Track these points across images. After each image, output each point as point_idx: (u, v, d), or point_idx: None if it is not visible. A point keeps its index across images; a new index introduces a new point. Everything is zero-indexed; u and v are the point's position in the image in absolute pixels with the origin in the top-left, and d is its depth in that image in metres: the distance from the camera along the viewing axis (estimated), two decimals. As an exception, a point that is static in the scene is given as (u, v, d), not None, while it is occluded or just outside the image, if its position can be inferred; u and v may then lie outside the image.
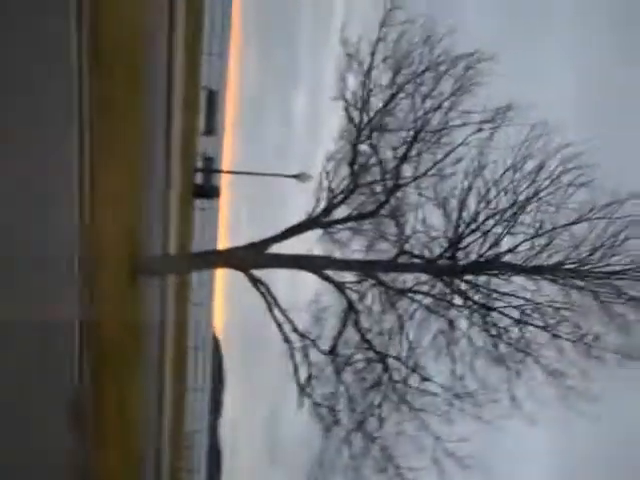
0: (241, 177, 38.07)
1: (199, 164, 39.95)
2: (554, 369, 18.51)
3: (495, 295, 18.91)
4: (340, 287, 19.66)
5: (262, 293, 19.70)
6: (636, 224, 18.00)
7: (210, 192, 38.54)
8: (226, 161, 41.17)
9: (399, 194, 19.41)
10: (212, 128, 41.83)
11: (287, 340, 19.86)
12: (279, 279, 20.57)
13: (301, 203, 20.69)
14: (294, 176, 32.79)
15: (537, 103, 17.03)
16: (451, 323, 19.19)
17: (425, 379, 19.01)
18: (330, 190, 20.04)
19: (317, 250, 20.29)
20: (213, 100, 40.55)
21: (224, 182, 41.20)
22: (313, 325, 20.00)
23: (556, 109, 16.97)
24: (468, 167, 18.59)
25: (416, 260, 19.31)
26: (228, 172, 40.12)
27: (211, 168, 42.55)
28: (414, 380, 19.13)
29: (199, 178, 39.52)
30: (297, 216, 20.55)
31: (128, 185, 16.68)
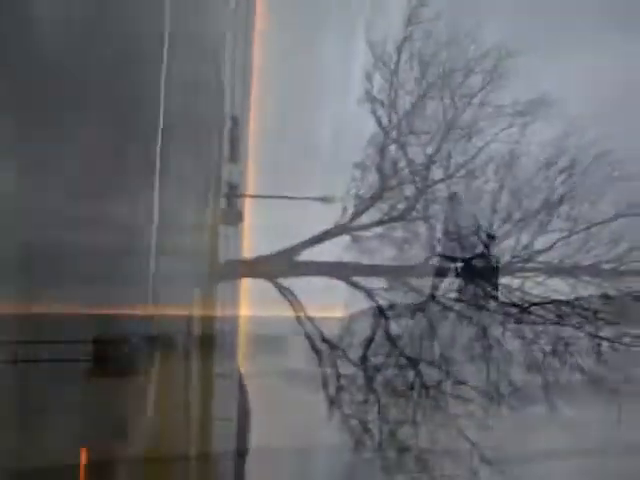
0: (266, 201, 37.98)
1: (224, 190, 40.02)
2: (593, 373, 17.95)
3: (530, 297, 18.42)
4: (369, 294, 19.27)
5: (290, 302, 19.36)
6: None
7: (234, 218, 38.56)
8: (250, 186, 41.14)
9: (429, 195, 19.07)
10: (235, 154, 41.98)
11: (316, 350, 19.42)
12: (307, 288, 20.15)
13: (328, 224, 20.47)
14: (319, 199, 32.57)
15: (569, 97, 16.71)
16: (484, 328, 18.69)
17: (459, 382, 18.43)
18: (357, 196, 19.78)
19: (346, 258, 19.97)
20: (236, 125, 40.75)
21: (247, 207, 41.11)
22: (343, 334, 19.55)
23: (589, 102, 16.59)
24: (499, 165, 18.26)
25: (447, 263, 18.88)
26: (252, 196, 40.13)
27: (235, 193, 42.58)
28: (447, 385, 18.57)
29: (223, 203, 39.58)
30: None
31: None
